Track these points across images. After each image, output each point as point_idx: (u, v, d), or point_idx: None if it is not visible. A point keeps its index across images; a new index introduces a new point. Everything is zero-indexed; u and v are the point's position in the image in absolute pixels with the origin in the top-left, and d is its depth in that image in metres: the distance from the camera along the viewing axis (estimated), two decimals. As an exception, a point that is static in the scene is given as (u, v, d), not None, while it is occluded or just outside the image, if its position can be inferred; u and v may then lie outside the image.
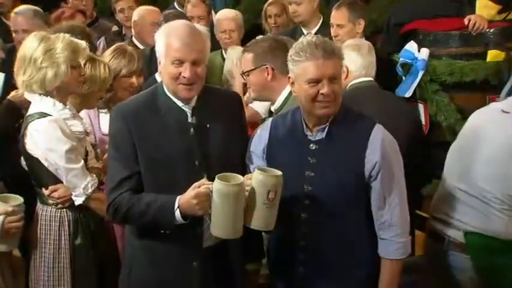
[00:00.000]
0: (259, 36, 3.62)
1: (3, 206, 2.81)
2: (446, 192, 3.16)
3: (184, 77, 2.57)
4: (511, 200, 3.01)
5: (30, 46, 2.98)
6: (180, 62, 2.57)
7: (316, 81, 2.59)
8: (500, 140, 3.00)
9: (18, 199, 2.86)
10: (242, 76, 3.23)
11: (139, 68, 3.59)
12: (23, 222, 2.86)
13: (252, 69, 3.13)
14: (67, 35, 3.03)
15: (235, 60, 4.08)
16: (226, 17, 4.93)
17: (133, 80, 3.55)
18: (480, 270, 3.05)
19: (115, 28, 5.67)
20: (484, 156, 3.02)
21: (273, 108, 3.19)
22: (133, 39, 4.95)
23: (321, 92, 2.58)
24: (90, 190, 2.97)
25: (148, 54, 4.40)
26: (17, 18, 4.40)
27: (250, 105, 3.99)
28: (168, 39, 2.58)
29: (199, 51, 2.60)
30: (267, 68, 3.10)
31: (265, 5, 5.32)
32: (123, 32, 5.51)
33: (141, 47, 4.80)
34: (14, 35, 4.41)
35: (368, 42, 3.70)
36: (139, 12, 4.95)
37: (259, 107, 3.96)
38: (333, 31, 4.34)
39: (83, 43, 3.10)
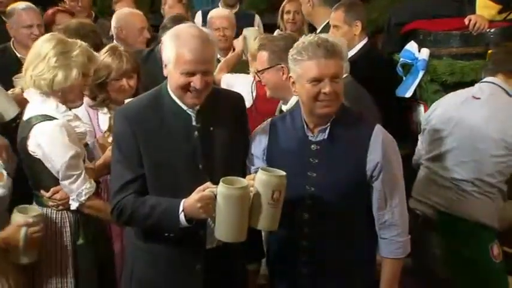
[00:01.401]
0: (276, 32, 3.69)
1: (24, 217, 2.92)
2: (422, 173, 3.54)
3: (195, 88, 2.65)
4: (482, 184, 3.38)
5: (46, 45, 3.05)
6: (191, 74, 2.63)
7: (318, 81, 2.67)
8: (469, 124, 3.35)
9: (37, 210, 2.95)
10: (256, 74, 3.31)
11: (129, 69, 3.60)
12: (44, 232, 2.98)
13: (267, 68, 3.22)
14: (84, 44, 3.12)
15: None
16: (219, 15, 5.06)
17: (124, 82, 3.59)
18: (446, 248, 3.43)
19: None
20: (455, 141, 3.41)
21: (284, 108, 3.28)
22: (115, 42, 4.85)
23: (323, 91, 2.67)
24: (83, 198, 3.05)
25: (145, 55, 4.47)
26: (30, 13, 4.50)
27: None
28: (179, 49, 2.62)
29: (210, 62, 2.68)
30: (282, 67, 3.18)
31: (284, 2, 5.50)
32: None
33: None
34: (24, 30, 4.46)
35: (341, 39, 3.79)
36: (124, 17, 4.82)
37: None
38: (330, 32, 4.44)
39: (97, 55, 3.20)
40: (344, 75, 3.15)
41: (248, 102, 3.99)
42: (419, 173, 3.66)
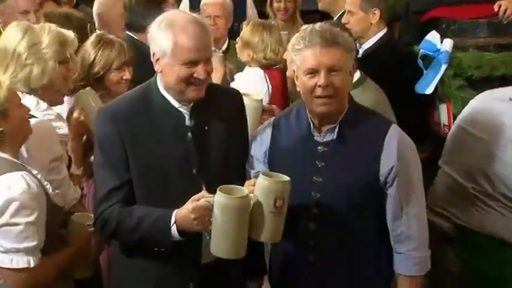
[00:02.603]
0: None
1: (85, 226, 2.98)
2: (439, 179, 3.55)
3: (199, 78, 2.72)
4: (508, 200, 3.38)
5: (12, 38, 3.11)
6: (194, 63, 2.70)
7: (314, 72, 2.76)
8: (503, 132, 3.34)
9: (90, 217, 3.00)
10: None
11: (129, 57, 3.75)
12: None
13: None
14: (53, 26, 3.18)
15: None
16: (213, 1, 5.19)
17: (125, 72, 3.71)
18: (464, 266, 3.45)
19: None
20: (482, 148, 3.39)
21: None
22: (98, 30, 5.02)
23: (317, 83, 2.75)
24: (66, 206, 3.07)
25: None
26: None
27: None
28: (177, 38, 2.68)
29: (209, 48, 2.75)
30: None
31: None
32: None
33: (132, 35, 4.94)
34: (20, 16, 4.54)
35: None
36: (105, 2, 4.96)
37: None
38: (344, 17, 4.50)
39: (70, 34, 3.24)
40: (355, 76, 3.27)
41: (265, 97, 4.21)
42: (437, 179, 3.69)
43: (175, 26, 2.71)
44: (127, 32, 4.60)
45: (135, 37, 4.53)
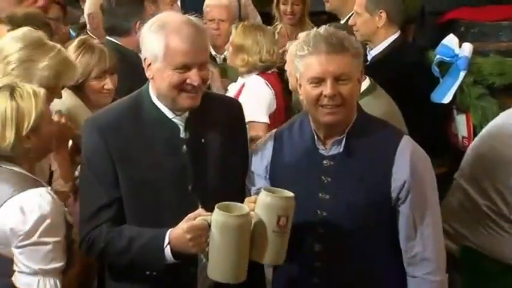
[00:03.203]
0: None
1: None
2: (452, 194, 3.54)
3: (192, 85, 2.73)
4: None
5: (14, 44, 3.15)
6: (187, 68, 2.72)
7: (319, 80, 2.76)
8: None
9: None
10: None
11: (112, 65, 3.76)
12: None
13: None
14: (63, 52, 3.22)
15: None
16: (218, 3, 5.24)
17: (107, 80, 3.73)
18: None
19: (82, 19, 5.85)
20: (503, 163, 3.40)
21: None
22: (89, 33, 5.05)
23: (324, 93, 2.76)
24: None
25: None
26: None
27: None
28: (168, 40, 2.70)
29: (205, 52, 2.79)
30: None
31: None
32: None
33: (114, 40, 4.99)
34: None
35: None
36: (96, 2, 5.01)
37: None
38: (351, 18, 4.53)
39: (75, 67, 3.31)
40: (364, 84, 3.28)
41: (273, 104, 4.33)
42: (449, 192, 3.68)
43: (167, 27, 2.73)
44: (107, 38, 4.59)
45: (117, 42, 4.54)
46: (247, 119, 4.21)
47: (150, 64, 2.78)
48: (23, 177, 2.83)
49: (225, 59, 5.14)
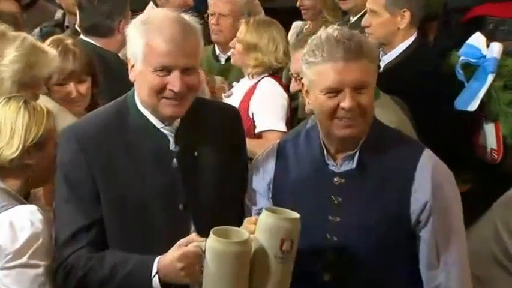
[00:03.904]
0: (296, 27, 3.71)
1: None
2: (482, 222, 3.45)
3: (173, 90, 2.73)
4: None
5: None
6: (167, 70, 2.72)
7: (336, 91, 2.74)
8: None
9: None
10: (295, 79, 3.41)
11: (78, 69, 3.72)
12: None
13: None
14: (30, 39, 3.22)
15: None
16: None
17: (70, 88, 3.71)
18: None
19: (59, 14, 5.90)
20: None
21: None
22: (77, 28, 5.07)
23: (341, 105, 2.73)
24: None
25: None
26: None
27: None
28: (149, 38, 2.71)
29: (192, 55, 2.77)
30: None
31: None
32: (66, 22, 5.73)
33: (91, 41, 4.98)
34: None
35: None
36: None
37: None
38: (364, 18, 4.52)
39: (50, 53, 3.29)
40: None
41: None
42: (478, 222, 3.60)
43: (150, 24, 2.74)
44: (83, 38, 4.58)
45: (94, 43, 4.54)
46: (262, 128, 4.29)
47: (133, 66, 2.80)
48: (12, 194, 2.86)
49: (228, 59, 5.16)
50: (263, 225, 2.65)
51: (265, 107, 4.36)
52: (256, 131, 4.47)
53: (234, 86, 4.79)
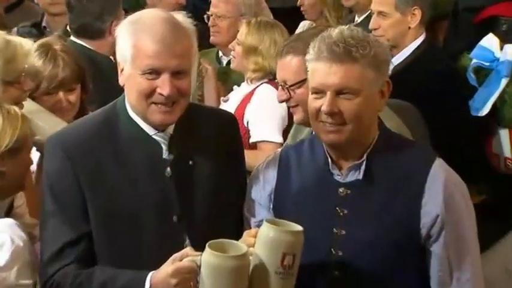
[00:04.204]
0: (303, 27, 3.66)
1: None
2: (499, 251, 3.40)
3: (162, 94, 2.70)
4: None
5: None
6: (156, 73, 2.70)
7: (319, 92, 2.77)
8: None
9: None
10: (282, 87, 3.37)
11: (68, 77, 3.72)
12: None
13: (305, 80, 3.24)
14: (1, 34, 3.21)
15: None
16: None
17: (60, 97, 3.69)
18: None
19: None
20: None
21: None
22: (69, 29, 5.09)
23: (322, 108, 2.75)
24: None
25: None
26: None
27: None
28: (137, 39, 2.70)
29: (183, 56, 2.74)
30: None
31: None
32: (43, 23, 5.69)
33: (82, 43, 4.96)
34: None
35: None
36: None
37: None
38: (372, 21, 4.50)
39: (25, 44, 3.28)
40: None
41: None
42: (498, 244, 3.61)
43: (138, 24, 2.74)
44: (74, 40, 4.57)
45: (86, 45, 4.52)
46: (257, 138, 4.24)
47: (122, 69, 2.78)
48: None
49: (229, 62, 5.14)
50: (263, 238, 2.62)
51: (261, 116, 4.31)
52: (251, 141, 4.45)
53: (234, 90, 4.75)
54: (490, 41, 4.37)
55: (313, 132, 3.00)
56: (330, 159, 2.85)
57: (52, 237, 2.77)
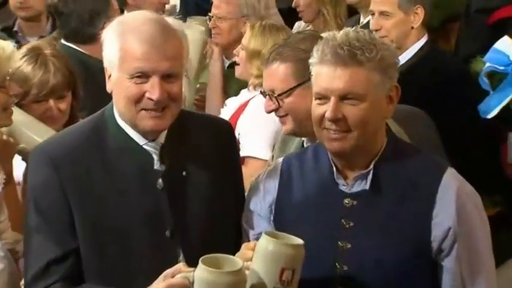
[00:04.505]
0: (298, 27, 3.62)
1: None
2: None
3: (151, 99, 2.68)
4: None
5: None
6: (145, 76, 2.68)
7: (323, 98, 2.76)
8: None
9: None
10: (275, 99, 3.34)
11: (59, 84, 3.71)
12: None
13: (294, 87, 3.25)
14: None
15: None
16: None
17: (50, 104, 3.68)
18: None
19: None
20: None
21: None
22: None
23: (326, 115, 2.74)
24: None
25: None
26: None
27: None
28: (124, 41, 2.69)
29: (174, 59, 2.72)
30: None
31: None
32: (15, 27, 5.72)
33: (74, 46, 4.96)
34: None
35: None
36: None
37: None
38: (373, 22, 4.52)
39: (7, 47, 3.26)
40: None
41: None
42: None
43: (125, 25, 2.72)
44: (64, 43, 4.57)
45: (78, 49, 4.53)
46: (245, 152, 4.26)
47: (110, 75, 2.77)
48: None
49: (230, 65, 5.17)
50: (261, 252, 2.59)
51: (252, 129, 4.21)
52: (241, 155, 4.37)
53: (230, 99, 4.72)
54: (505, 44, 4.34)
55: (317, 141, 2.98)
56: (334, 168, 2.83)
57: (36, 254, 2.74)
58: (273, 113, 4.16)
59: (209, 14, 5.30)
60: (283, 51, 3.32)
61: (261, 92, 3.52)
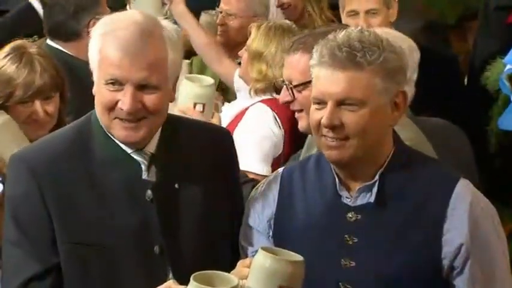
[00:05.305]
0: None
1: None
2: None
3: (122, 109, 2.70)
4: None
5: None
6: (119, 84, 2.70)
7: (321, 102, 2.78)
8: None
9: None
10: (291, 91, 3.38)
11: (46, 85, 3.74)
12: None
13: (309, 81, 3.25)
14: None
15: None
16: None
17: (36, 107, 3.71)
18: None
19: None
20: None
21: None
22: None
23: (322, 121, 2.76)
24: None
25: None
26: None
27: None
28: (103, 43, 2.71)
29: (151, 69, 2.70)
30: None
31: None
32: None
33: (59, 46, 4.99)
34: None
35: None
36: None
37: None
38: (361, 21, 4.55)
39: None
40: None
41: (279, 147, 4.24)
42: None
43: (107, 27, 2.74)
44: (49, 43, 4.61)
45: (63, 49, 4.57)
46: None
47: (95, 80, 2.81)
48: None
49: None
50: (258, 268, 2.61)
51: (246, 141, 4.15)
52: None
53: (227, 105, 4.74)
54: (526, 45, 4.40)
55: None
56: (337, 179, 2.84)
57: (15, 270, 2.76)
58: (271, 125, 4.24)
59: (217, 8, 5.33)
60: (307, 41, 3.34)
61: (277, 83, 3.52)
